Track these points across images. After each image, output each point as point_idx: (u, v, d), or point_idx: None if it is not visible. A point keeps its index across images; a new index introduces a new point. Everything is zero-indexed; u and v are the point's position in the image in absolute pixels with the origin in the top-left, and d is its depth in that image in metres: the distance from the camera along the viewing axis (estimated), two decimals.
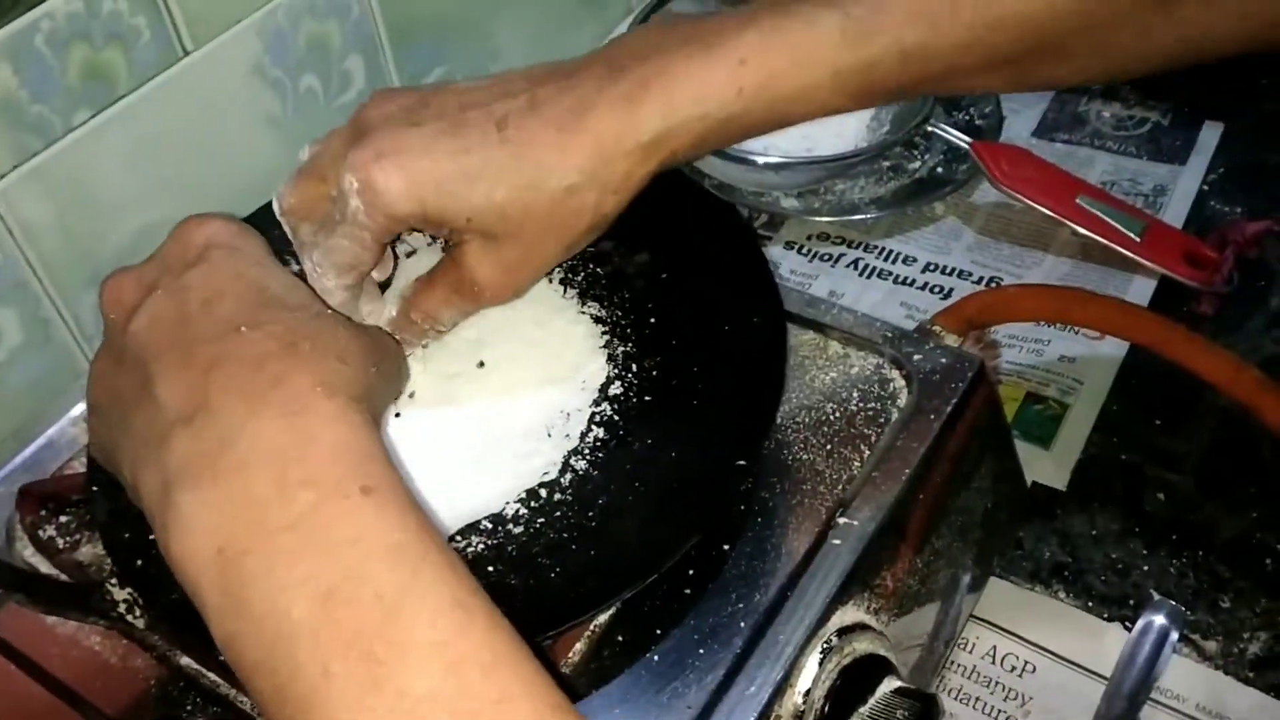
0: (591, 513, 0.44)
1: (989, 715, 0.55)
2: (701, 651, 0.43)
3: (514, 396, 0.48)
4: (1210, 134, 0.80)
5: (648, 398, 0.48)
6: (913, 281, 0.74)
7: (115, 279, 0.41)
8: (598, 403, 0.48)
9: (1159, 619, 0.55)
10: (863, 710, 0.43)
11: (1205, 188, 0.78)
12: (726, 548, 0.46)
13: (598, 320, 0.50)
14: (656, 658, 0.43)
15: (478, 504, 0.45)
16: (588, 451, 0.46)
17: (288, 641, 0.32)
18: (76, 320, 0.62)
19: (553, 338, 0.49)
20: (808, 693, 0.43)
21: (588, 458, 0.46)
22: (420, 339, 0.48)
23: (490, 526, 0.44)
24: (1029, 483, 0.62)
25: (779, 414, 0.50)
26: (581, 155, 0.42)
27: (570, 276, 0.52)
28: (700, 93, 0.43)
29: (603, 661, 0.43)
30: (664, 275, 0.51)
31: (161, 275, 0.40)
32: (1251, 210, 0.76)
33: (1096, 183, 0.78)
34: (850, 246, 0.77)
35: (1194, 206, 0.76)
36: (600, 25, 0.92)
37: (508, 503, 0.45)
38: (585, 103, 0.42)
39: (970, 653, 0.57)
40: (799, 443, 0.50)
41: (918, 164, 0.78)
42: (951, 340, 0.54)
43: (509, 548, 0.43)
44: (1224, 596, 0.58)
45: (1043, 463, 0.63)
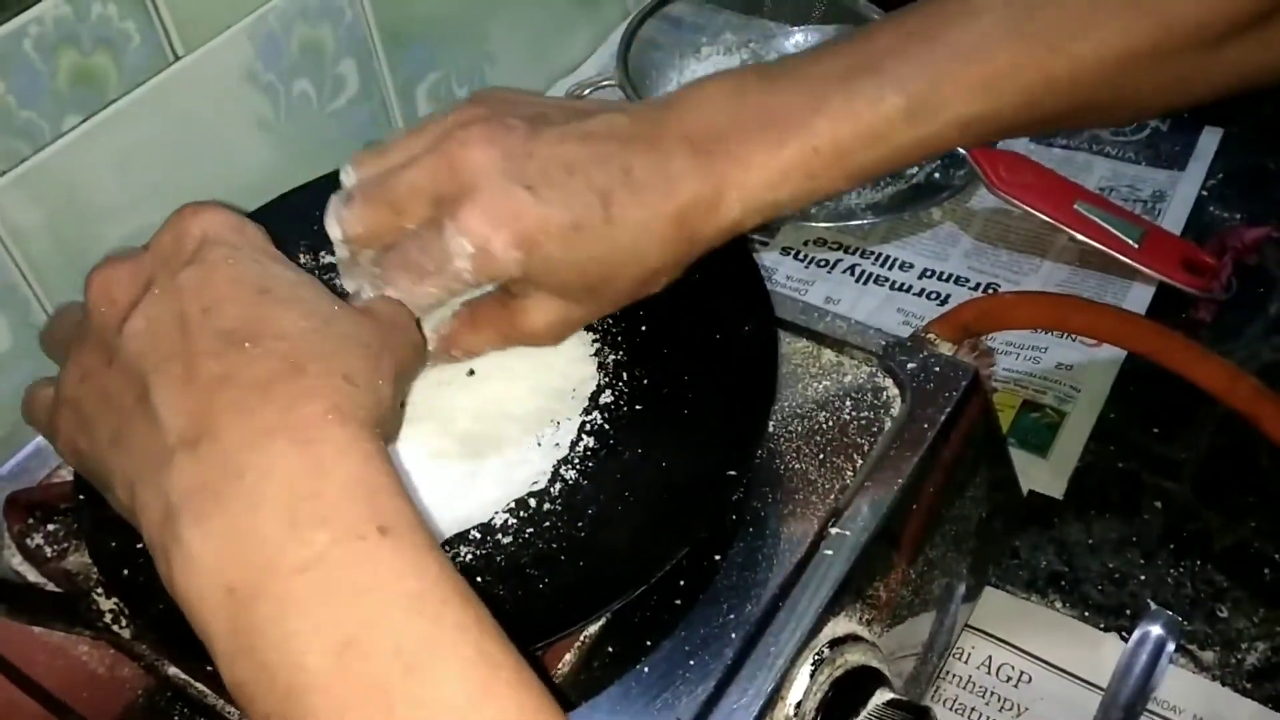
0: (581, 523, 0.44)
1: None
2: (692, 663, 0.42)
3: (504, 405, 0.47)
4: (1209, 139, 0.80)
5: (638, 406, 0.47)
6: (909, 288, 0.73)
7: (106, 271, 0.39)
8: (588, 411, 0.47)
9: (1156, 629, 0.54)
10: None
11: (1204, 193, 0.77)
12: (718, 558, 0.46)
13: (588, 328, 0.50)
14: (646, 669, 0.42)
15: (466, 513, 0.44)
16: (577, 461, 0.46)
17: (302, 695, 0.31)
18: None
19: (543, 346, 0.49)
20: (799, 704, 0.42)
21: (577, 467, 0.46)
22: (448, 364, 0.48)
23: (479, 536, 0.44)
24: (1025, 491, 0.61)
25: (771, 423, 0.50)
26: (673, 243, 0.44)
27: None
28: (775, 182, 0.44)
29: (592, 672, 0.43)
30: None
31: (157, 271, 0.38)
32: (1251, 216, 0.75)
33: (1095, 188, 0.77)
34: (847, 252, 0.76)
35: (1193, 212, 0.76)
36: (596, 28, 0.92)
37: (496, 512, 0.44)
38: (676, 189, 0.43)
39: (965, 663, 0.56)
40: (791, 452, 0.49)
41: (915, 169, 0.78)
42: (946, 348, 0.54)
43: (498, 558, 0.43)
44: (1222, 606, 0.57)
45: (1039, 471, 0.63)
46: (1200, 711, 0.53)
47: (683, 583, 0.45)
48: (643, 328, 0.50)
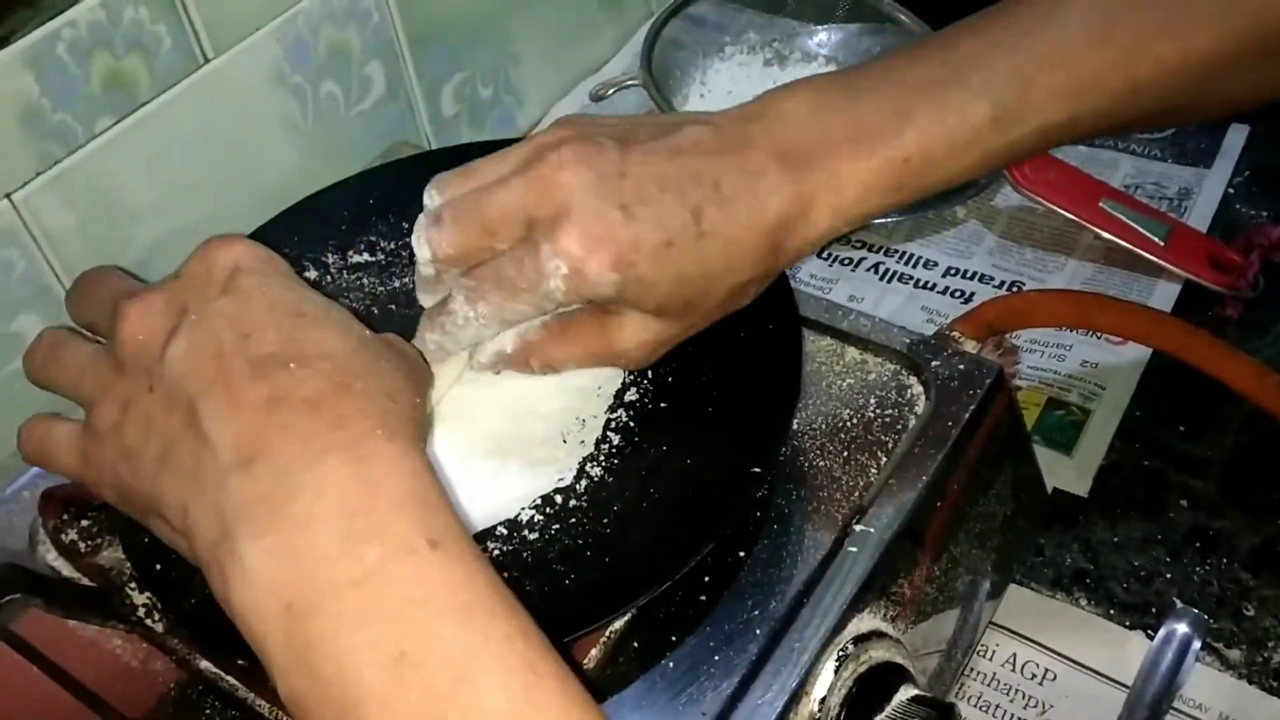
0: (606, 519, 0.44)
1: None
2: (717, 658, 0.43)
3: (530, 403, 0.48)
4: (1236, 137, 0.80)
5: (663, 404, 0.48)
6: (933, 286, 0.73)
7: (143, 301, 0.39)
8: (613, 409, 0.48)
9: (1181, 627, 0.54)
10: (879, 718, 0.43)
11: (1231, 191, 0.77)
12: (742, 554, 0.46)
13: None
14: (672, 664, 0.43)
15: (493, 510, 0.45)
16: (603, 458, 0.46)
17: (357, 708, 0.31)
18: None
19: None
20: (823, 700, 0.43)
21: (603, 464, 0.46)
22: (519, 371, 0.48)
23: (505, 533, 0.44)
24: (1050, 489, 0.61)
25: (795, 421, 0.50)
26: (762, 254, 0.44)
27: None
28: (865, 195, 0.44)
29: (618, 667, 0.43)
30: None
31: (191, 298, 0.38)
32: (1278, 213, 0.75)
33: (1120, 186, 0.77)
34: (871, 251, 0.76)
35: (1219, 210, 0.76)
36: (619, 28, 0.93)
37: (523, 509, 0.45)
38: (767, 204, 0.43)
39: (990, 660, 0.56)
40: (815, 449, 0.49)
41: None
42: (970, 346, 0.54)
43: (524, 554, 0.44)
44: (1248, 604, 0.57)
45: (1064, 469, 0.62)
46: (1226, 710, 0.53)
47: (708, 579, 0.45)
48: None
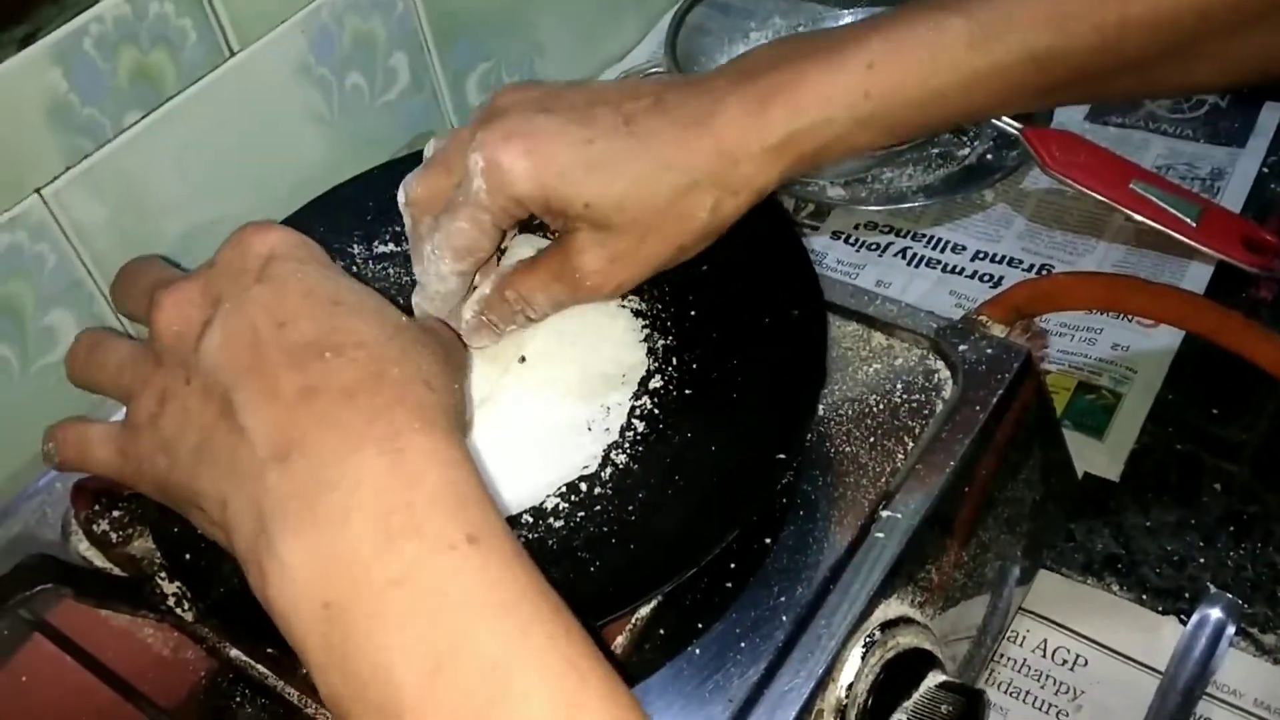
0: (631, 506, 0.44)
1: (1040, 709, 0.54)
2: (743, 645, 0.43)
3: (555, 391, 0.48)
4: (1270, 116, 0.78)
5: (688, 391, 0.48)
6: (962, 270, 0.73)
7: (177, 291, 0.39)
8: (638, 396, 0.48)
9: (1215, 612, 0.54)
10: (907, 705, 0.43)
11: (1265, 170, 0.76)
12: (768, 541, 0.46)
13: (638, 314, 0.50)
14: (698, 651, 0.43)
15: (518, 498, 0.45)
16: (628, 445, 0.46)
17: (394, 710, 0.31)
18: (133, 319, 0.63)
19: (593, 331, 0.49)
20: (850, 686, 0.43)
21: (628, 451, 0.46)
22: (507, 322, 0.48)
23: (531, 520, 0.44)
24: (1081, 474, 0.61)
25: (821, 406, 0.50)
26: (704, 153, 0.43)
27: None
28: (827, 96, 0.43)
29: (644, 655, 0.43)
30: (704, 268, 0.50)
31: (226, 287, 0.38)
32: None
33: (1151, 167, 0.76)
34: (898, 235, 0.76)
35: (1253, 190, 0.74)
36: (643, 17, 0.92)
37: (548, 496, 0.45)
38: (713, 104, 0.43)
39: (1021, 646, 0.56)
40: (842, 435, 0.49)
41: (967, 150, 0.77)
42: (998, 330, 0.53)
43: (550, 541, 0.44)
44: None
45: (1095, 453, 0.62)
46: (1261, 695, 0.53)
47: (733, 565, 0.45)
48: (692, 313, 0.50)
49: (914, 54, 0.43)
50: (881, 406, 0.50)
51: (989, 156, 0.76)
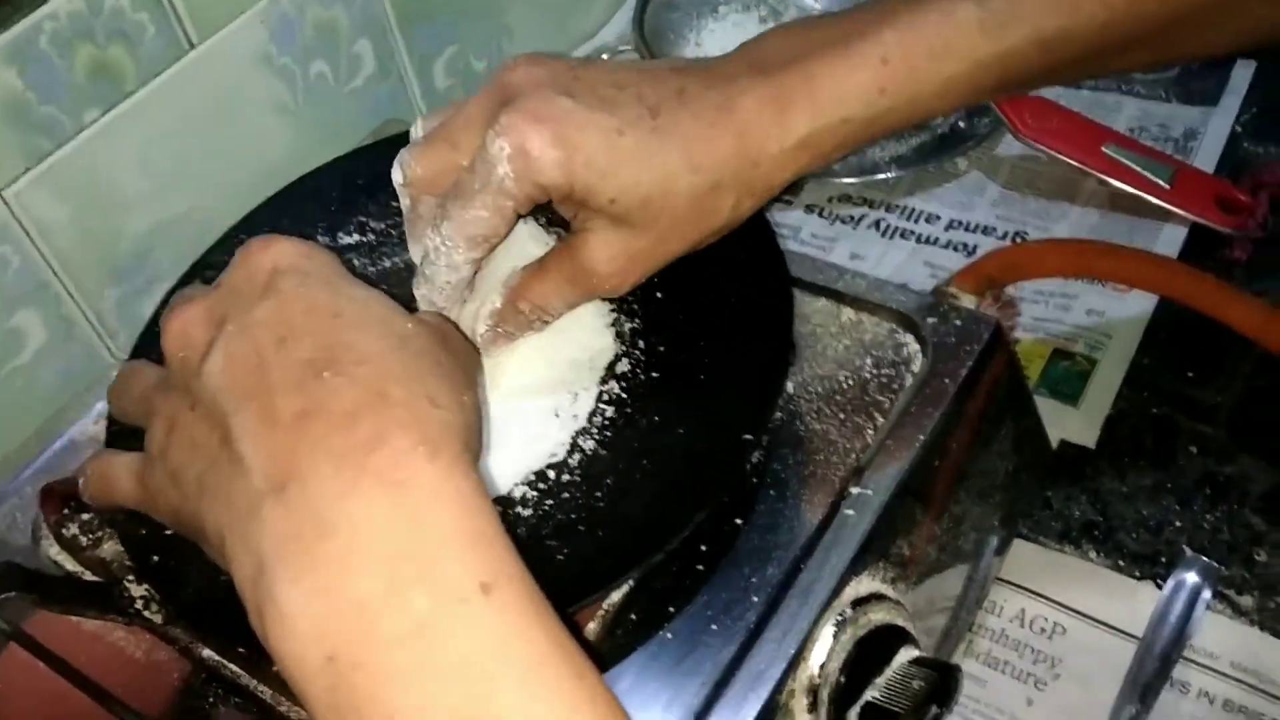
0: (599, 493, 0.44)
1: (1018, 679, 0.54)
2: (714, 627, 0.43)
3: (521, 379, 0.48)
4: (1242, 73, 0.78)
5: (655, 374, 0.47)
6: (936, 240, 0.72)
7: (181, 312, 0.37)
8: (605, 381, 0.47)
9: (1191, 576, 0.54)
10: (879, 681, 0.43)
11: (1238, 129, 0.76)
12: (739, 522, 0.46)
13: (604, 298, 0.50)
14: (670, 635, 0.43)
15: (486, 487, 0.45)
16: (595, 431, 0.46)
17: None
18: (99, 317, 0.62)
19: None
20: (823, 665, 0.43)
21: (595, 437, 0.46)
22: (523, 330, 0.46)
23: (499, 510, 0.44)
24: (1057, 441, 0.61)
25: (791, 384, 0.50)
26: (727, 153, 0.42)
27: None
28: (844, 95, 0.42)
29: (616, 640, 0.43)
30: None
31: (231, 308, 0.37)
32: None
33: (1124, 129, 0.76)
34: (872, 207, 0.76)
35: (1227, 149, 0.74)
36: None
37: (515, 485, 0.45)
38: (734, 103, 0.42)
39: (999, 616, 0.56)
40: (812, 413, 0.49)
41: (939, 119, 0.77)
42: (968, 301, 0.53)
43: (518, 529, 0.43)
44: (1259, 550, 0.56)
45: (1071, 420, 0.62)
46: (1238, 657, 0.53)
47: (705, 548, 0.45)
48: (658, 295, 0.50)
49: (926, 46, 0.42)
50: (851, 383, 0.50)
51: (961, 124, 0.76)
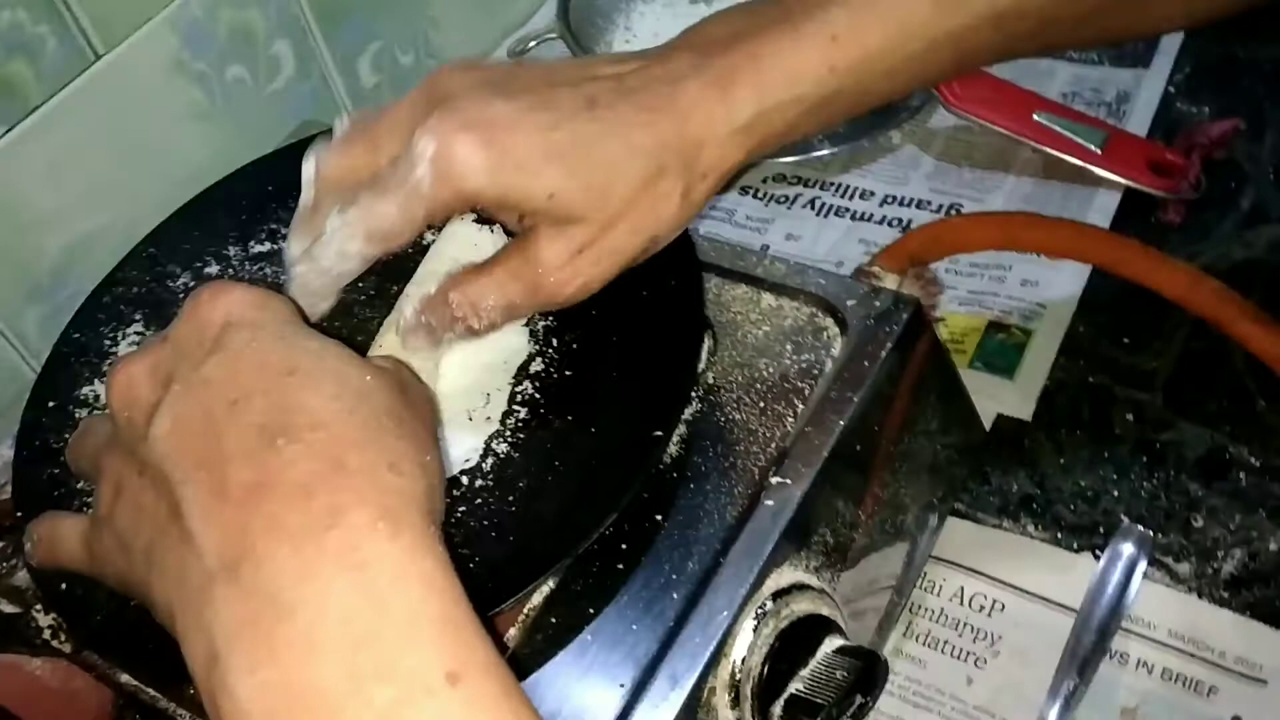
0: (512, 497, 0.43)
1: (958, 658, 0.54)
2: (635, 627, 0.42)
3: (434, 382, 0.47)
4: (1173, 34, 0.77)
5: (569, 372, 0.47)
6: (871, 217, 0.72)
7: (124, 370, 0.35)
8: (519, 381, 0.47)
9: (1127, 546, 0.54)
10: (803, 673, 0.43)
11: (1171, 90, 0.75)
12: (659, 518, 0.45)
13: (554, 306, 0.49)
14: (590, 636, 0.42)
15: None
16: (509, 433, 0.45)
17: None
18: (20, 337, 0.61)
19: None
20: (744, 660, 0.42)
21: (509, 439, 0.45)
22: (445, 329, 0.44)
23: None
24: (994, 415, 0.60)
25: (711, 374, 0.49)
26: (670, 137, 0.41)
27: None
28: (792, 73, 0.41)
29: (536, 645, 0.43)
30: None
31: (178, 363, 0.34)
32: (1221, 110, 0.73)
33: (1058, 95, 0.75)
34: (807, 186, 0.75)
35: (1160, 111, 0.74)
36: None
37: None
38: (676, 87, 0.41)
39: (938, 595, 0.56)
40: (732, 403, 0.48)
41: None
42: (890, 281, 0.53)
43: None
44: (1196, 515, 0.56)
45: (1007, 393, 0.61)
46: (1175, 625, 0.53)
47: (625, 546, 0.44)
48: None
49: (878, 24, 0.41)
50: (771, 370, 0.49)
51: None
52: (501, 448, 0.45)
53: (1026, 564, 0.56)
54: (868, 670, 0.42)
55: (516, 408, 0.46)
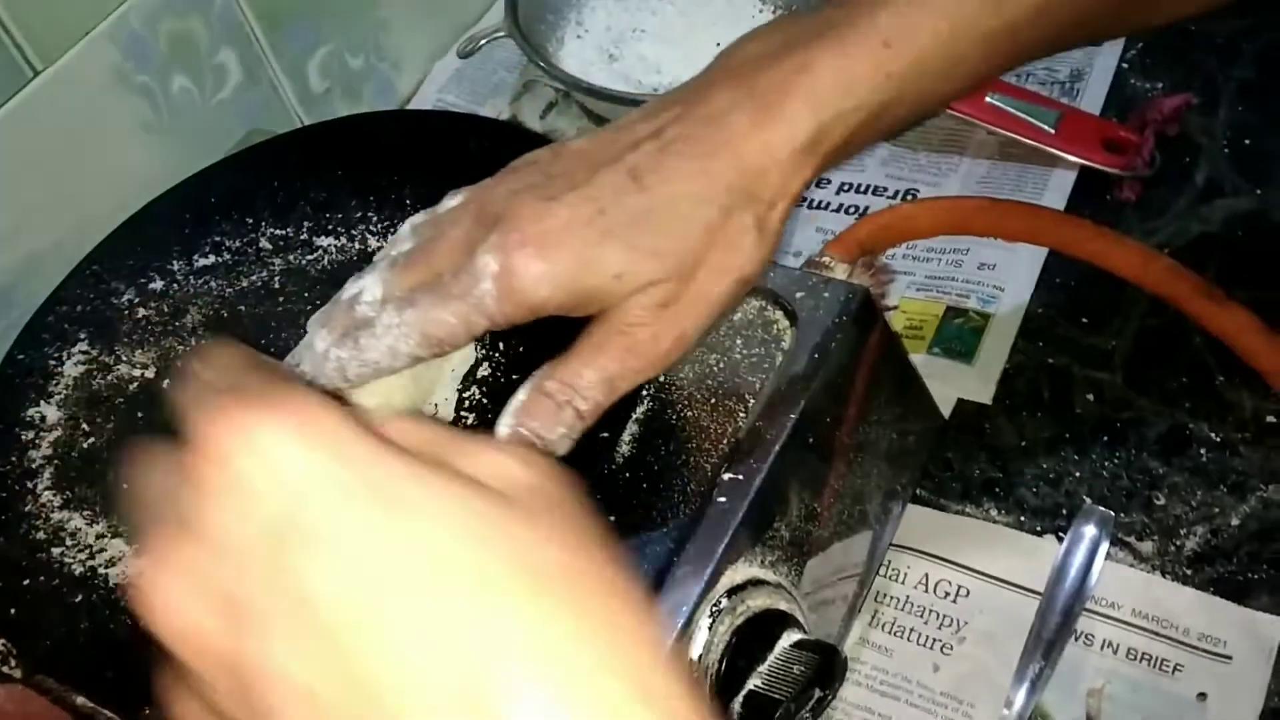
0: None
1: (924, 645, 0.53)
2: None
3: (381, 395, 0.46)
4: None
5: (515, 376, 0.46)
6: (828, 205, 0.71)
7: (162, 578, 0.25)
8: (465, 387, 0.46)
9: (1089, 528, 0.54)
10: (761, 669, 0.42)
11: (1124, 66, 0.75)
12: (612, 518, 0.45)
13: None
14: None
15: None
16: None
17: None
18: None
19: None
20: (700, 658, 0.42)
21: None
22: (554, 424, 0.41)
23: None
24: (954, 400, 0.60)
25: (662, 374, 0.49)
26: (730, 176, 0.40)
27: None
28: (847, 82, 0.40)
29: None
30: None
31: (239, 581, 0.24)
32: (1174, 84, 0.73)
33: (1011, 75, 0.75)
34: None
35: (1114, 88, 0.73)
36: None
37: None
38: (721, 125, 0.40)
39: (902, 583, 0.55)
40: (683, 400, 0.48)
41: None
42: (841, 271, 0.52)
43: None
44: (1158, 494, 0.56)
45: (966, 378, 0.61)
46: (1139, 605, 0.52)
47: None
48: None
49: (929, 25, 0.41)
50: (722, 365, 0.49)
51: None
52: None
53: (990, 549, 0.55)
54: (825, 664, 0.42)
55: (464, 414, 0.46)
